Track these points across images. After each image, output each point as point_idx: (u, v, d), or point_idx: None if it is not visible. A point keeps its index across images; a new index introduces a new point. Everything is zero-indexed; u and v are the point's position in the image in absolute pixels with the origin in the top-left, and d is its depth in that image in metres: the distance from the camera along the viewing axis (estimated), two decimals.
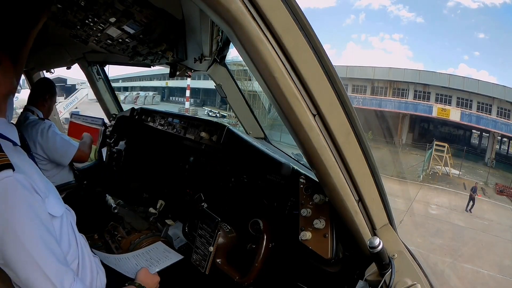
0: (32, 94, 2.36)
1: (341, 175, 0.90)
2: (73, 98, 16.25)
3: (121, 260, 1.50)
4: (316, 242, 1.13)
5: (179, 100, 37.64)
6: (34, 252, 0.82)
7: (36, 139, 2.16)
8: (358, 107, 22.28)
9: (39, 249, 0.83)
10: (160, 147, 2.46)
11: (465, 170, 19.37)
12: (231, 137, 1.77)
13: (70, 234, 1.01)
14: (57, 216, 0.95)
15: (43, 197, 0.90)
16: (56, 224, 0.94)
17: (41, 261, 0.83)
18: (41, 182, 0.94)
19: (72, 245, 1.01)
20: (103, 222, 2.00)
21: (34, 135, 2.15)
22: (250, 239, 1.45)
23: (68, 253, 0.98)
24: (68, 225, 1.02)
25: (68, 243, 0.99)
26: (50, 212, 0.91)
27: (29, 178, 0.87)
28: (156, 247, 1.72)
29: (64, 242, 0.97)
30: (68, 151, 2.26)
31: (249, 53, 0.71)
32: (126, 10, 1.33)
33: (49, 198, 0.93)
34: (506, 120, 20.96)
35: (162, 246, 1.74)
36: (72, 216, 1.12)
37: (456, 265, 9.51)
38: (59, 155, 2.24)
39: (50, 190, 0.97)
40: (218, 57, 1.99)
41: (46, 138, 2.17)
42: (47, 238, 0.86)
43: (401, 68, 25.73)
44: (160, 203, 2.20)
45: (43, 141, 2.17)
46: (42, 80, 2.58)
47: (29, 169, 0.94)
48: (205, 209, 1.59)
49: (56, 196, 1.01)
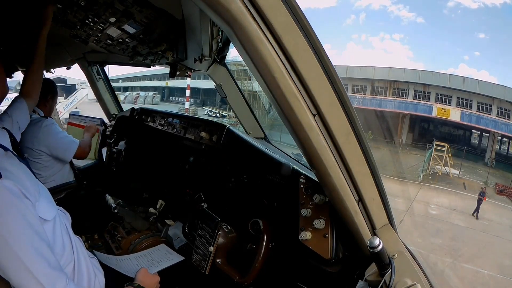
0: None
1: (341, 175, 0.90)
2: (73, 98, 16.26)
3: (122, 261, 1.50)
4: (316, 242, 1.13)
5: (179, 100, 37.65)
6: (25, 258, 0.83)
7: (39, 136, 2.18)
8: (358, 107, 22.27)
9: (29, 255, 0.84)
10: (160, 147, 2.46)
11: (465, 170, 19.37)
12: (231, 137, 1.77)
13: (65, 237, 1.01)
14: (48, 220, 0.95)
15: (33, 201, 0.89)
16: (48, 228, 0.94)
17: (33, 267, 0.83)
18: (32, 186, 0.94)
19: (67, 248, 1.00)
20: (103, 222, 2.00)
21: (36, 132, 2.18)
22: (250, 239, 1.45)
23: (62, 256, 0.98)
24: (62, 228, 1.02)
25: (62, 246, 0.99)
26: (41, 216, 0.91)
27: (19, 183, 0.87)
28: (159, 249, 1.74)
29: (58, 245, 0.97)
30: (70, 147, 2.28)
31: (249, 53, 0.71)
32: (126, 10, 1.33)
33: (40, 201, 0.93)
34: (506, 120, 20.97)
35: (164, 248, 1.75)
36: (67, 218, 1.11)
37: (456, 265, 9.52)
38: (62, 150, 2.26)
39: (42, 194, 0.97)
40: (218, 57, 1.99)
41: (49, 134, 2.20)
42: (38, 244, 0.86)
43: (401, 68, 25.76)
44: (160, 203, 2.20)
45: (46, 137, 2.19)
46: (44, 80, 2.60)
47: (19, 173, 0.94)
48: (205, 209, 1.59)
49: (48, 199, 1.00)
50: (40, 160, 2.22)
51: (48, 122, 2.24)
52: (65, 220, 1.08)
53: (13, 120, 1.49)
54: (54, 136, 2.23)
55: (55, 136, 2.23)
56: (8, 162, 0.94)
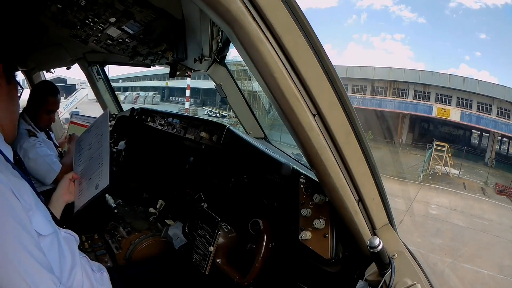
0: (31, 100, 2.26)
1: (341, 175, 0.90)
2: (73, 98, 16.25)
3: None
4: (316, 242, 1.13)
5: (179, 100, 37.69)
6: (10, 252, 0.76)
7: (20, 153, 2.02)
8: (358, 107, 22.29)
9: (16, 250, 0.77)
10: (160, 147, 2.46)
11: (465, 170, 19.38)
12: (231, 137, 1.77)
13: (63, 260, 0.94)
14: (43, 235, 0.88)
15: (24, 206, 0.84)
16: (44, 244, 0.87)
17: (17, 261, 0.76)
18: (29, 197, 0.89)
19: (65, 268, 0.94)
20: (103, 222, 2.00)
21: (18, 150, 2.04)
22: (250, 239, 1.45)
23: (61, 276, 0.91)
24: (61, 250, 0.95)
25: (59, 266, 0.92)
26: (35, 228, 0.85)
27: (12, 185, 0.82)
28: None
29: (55, 265, 0.89)
30: (49, 173, 2.14)
31: (249, 53, 0.71)
32: (126, 10, 1.34)
33: (35, 214, 0.87)
34: (506, 120, 20.99)
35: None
36: (74, 240, 1.06)
37: (456, 265, 9.51)
38: (41, 174, 2.14)
39: (39, 208, 0.92)
40: (218, 57, 2.00)
41: (26, 157, 2.07)
42: (26, 241, 0.80)
43: (401, 68, 25.79)
44: (160, 203, 2.20)
45: (25, 159, 2.02)
46: (43, 83, 2.51)
47: (16, 180, 0.88)
48: (205, 209, 1.58)
49: (45, 217, 0.94)
50: None
51: (28, 144, 2.10)
52: (71, 243, 1.02)
53: None
54: (33, 162, 2.09)
55: (34, 163, 2.09)
56: (4, 167, 0.88)
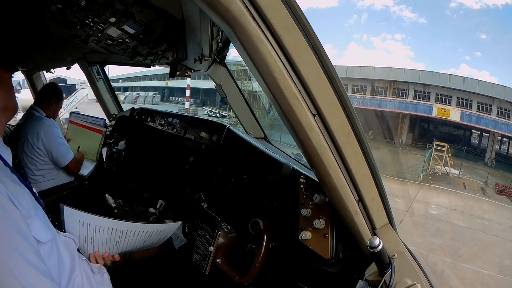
0: (38, 97, 2.44)
1: (341, 175, 0.90)
2: (73, 98, 16.21)
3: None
4: (316, 242, 1.13)
5: (179, 100, 37.66)
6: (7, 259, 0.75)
7: (40, 133, 2.21)
8: (358, 107, 22.29)
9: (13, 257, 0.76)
10: (160, 147, 2.46)
11: (465, 170, 19.37)
12: (231, 137, 1.77)
13: (62, 265, 0.94)
14: (42, 242, 0.87)
15: (23, 213, 0.82)
16: (43, 251, 0.86)
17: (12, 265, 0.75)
18: (28, 204, 0.88)
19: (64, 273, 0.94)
20: None
21: (38, 128, 2.21)
22: (250, 239, 1.45)
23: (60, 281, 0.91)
24: (60, 256, 0.94)
25: (58, 272, 0.91)
26: (34, 235, 0.84)
27: (9, 191, 0.81)
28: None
29: (54, 272, 0.88)
30: (67, 155, 2.32)
31: (249, 53, 0.71)
32: (126, 10, 1.33)
33: (34, 221, 0.86)
34: (506, 120, 20.99)
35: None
36: (74, 245, 1.06)
37: (456, 265, 9.51)
38: (58, 154, 2.29)
39: (39, 215, 0.91)
40: (218, 57, 1.99)
41: (48, 134, 2.22)
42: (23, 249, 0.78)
43: (401, 68, 25.79)
44: (160, 203, 2.20)
45: (45, 136, 2.22)
46: (48, 85, 2.65)
47: (14, 186, 0.87)
48: (205, 209, 1.58)
49: (45, 223, 0.93)
50: (35, 156, 2.24)
51: (50, 122, 2.28)
52: (70, 247, 1.02)
53: None
54: (53, 137, 2.25)
55: (54, 139, 2.25)
56: (3, 173, 0.87)
